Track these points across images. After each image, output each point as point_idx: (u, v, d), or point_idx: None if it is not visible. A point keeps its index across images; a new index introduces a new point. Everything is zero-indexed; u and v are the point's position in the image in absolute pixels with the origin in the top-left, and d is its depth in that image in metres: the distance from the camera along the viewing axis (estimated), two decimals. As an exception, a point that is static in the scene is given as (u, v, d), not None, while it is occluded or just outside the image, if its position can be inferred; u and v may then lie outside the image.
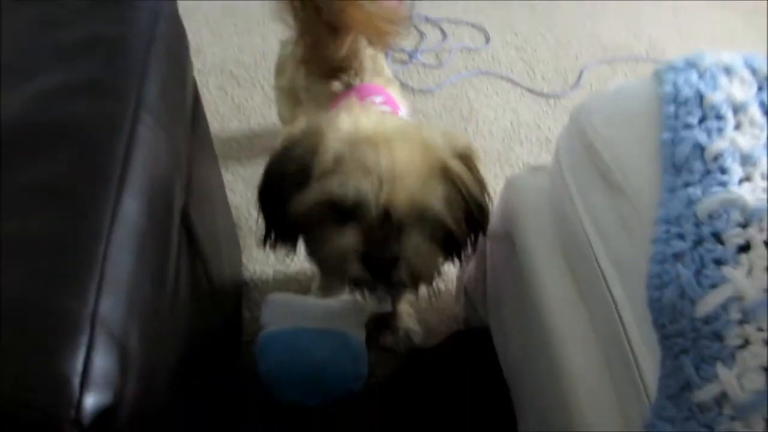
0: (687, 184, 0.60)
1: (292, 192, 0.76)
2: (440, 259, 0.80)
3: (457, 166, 0.75)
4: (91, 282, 0.46)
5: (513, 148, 1.64)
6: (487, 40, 2.00)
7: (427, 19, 2.04)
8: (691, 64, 0.72)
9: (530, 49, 1.99)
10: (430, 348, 1.09)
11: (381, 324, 1.19)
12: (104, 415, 0.41)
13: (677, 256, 0.54)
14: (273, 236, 0.84)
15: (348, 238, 0.72)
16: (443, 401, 0.95)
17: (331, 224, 0.74)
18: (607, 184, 0.67)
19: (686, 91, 0.68)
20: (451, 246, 0.80)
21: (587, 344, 0.69)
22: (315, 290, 1.24)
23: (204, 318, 0.75)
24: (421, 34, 1.99)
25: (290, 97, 1.30)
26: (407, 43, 1.93)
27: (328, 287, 1.24)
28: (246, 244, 1.33)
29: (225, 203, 1.16)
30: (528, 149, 1.64)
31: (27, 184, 0.51)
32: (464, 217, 0.77)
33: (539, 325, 0.74)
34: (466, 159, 0.77)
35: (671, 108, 0.68)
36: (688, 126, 0.65)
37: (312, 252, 0.82)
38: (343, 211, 0.72)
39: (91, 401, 0.41)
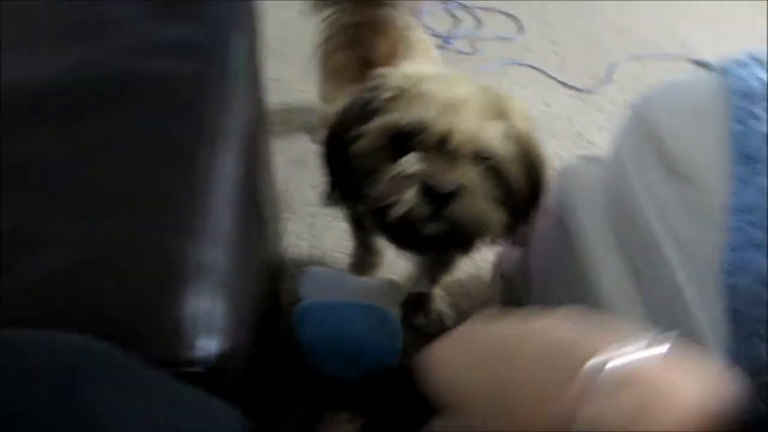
0: (759, 174, 0.61)
1: (356, 136, 0.77)
2: (499, 215, 0.76)
3: (516, 109, 0.76)
4: (201, 231, 0.47)
5: (545, 140, 1.65)
6: (521, 30, 2.00)
7: (461, 5, 2.04)
8: (755, 59, 0.73)
9: (563, 42, 1.99)
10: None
11: (414, 305, 1.21)
12: (217, 357, 0.43)
13: (754, 245, 0.56)
14: (334, 191, 0.84)
15: (407, 164, 0.71)
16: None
17: (391, 158, 0.74)
18: (673, 174, 0.68)
19: (754, 84, 0.70)
20: (509, 211, 0.78)
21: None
22: (348, 268, 1.26)
23: (266, 282, 0.76)
24: (455, 20, 1.99)
25: (337, 78, 1.31)
26: (441, 27, 1.93)
27: (360, 264, 1.26)
28: (282, 216, 1.35)
29: (273, 173, 1.18)
30: (561, 143, 1.65)
31: (133, 136, 0.52)
32: (522, 173, 0.77)
33: (593, 306, 0.76)
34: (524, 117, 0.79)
35: (740, 100, 0.69)
36: (757, 117, 0.66)
37: (369, 195, 0.77)
38: (403, 144, 0.72)
39: (203, 344, 0.42)
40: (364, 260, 1.23)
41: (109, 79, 0.57)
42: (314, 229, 1.34)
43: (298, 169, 1.47)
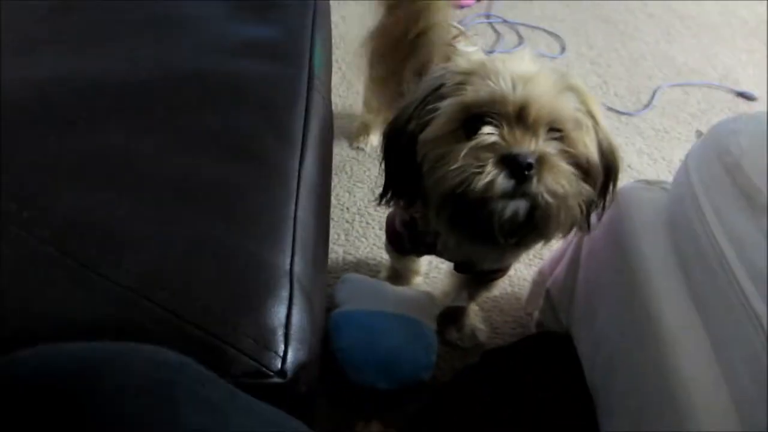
0: None
1: (424, 124, 0.73)
2: (581, 191, 0.71)
3: (583, 88, 0.75)
4: (287, 238, 0.46)
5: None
6: (563, 49, 1.99)
7: (505, 21, 2.03)
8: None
9: (604, 64, 1.98)
10: (509, 345, 1.09)
11: (447, 319, 1.19)
12: (301, 368, 0.42)
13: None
14: (392, 190, 0.79)
15: (485, 135, 0.67)
16: (522, 396, 0.95)
17: (463, 141, 0.70)
18: (753, 205, 0.66)
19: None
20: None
21: (701, 349, 0.69)
22: (383, 279, 1.24)
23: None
24: (498, 35, 1.98)
25: (381, 86, 1.30)
26: (484, 42, 1.93)
27: (397, 275, 1.25)
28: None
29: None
30: (599, 163, 1.63)
31: (219, 137, 0.51)
32: (597, 153, 0.74)
33: (648, 327, 0.74)
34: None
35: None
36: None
37: (441, 178, 0.72)
38: (475, 124, 0.69)
39: (292, 354, 0.41)
40: (400, 272, 1.21)
41: (189, 78, 0.56)
42: (350, 236, 1.33)
43: (335, 175, 1.46)
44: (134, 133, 0.54)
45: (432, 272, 1.28)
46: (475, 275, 1.08)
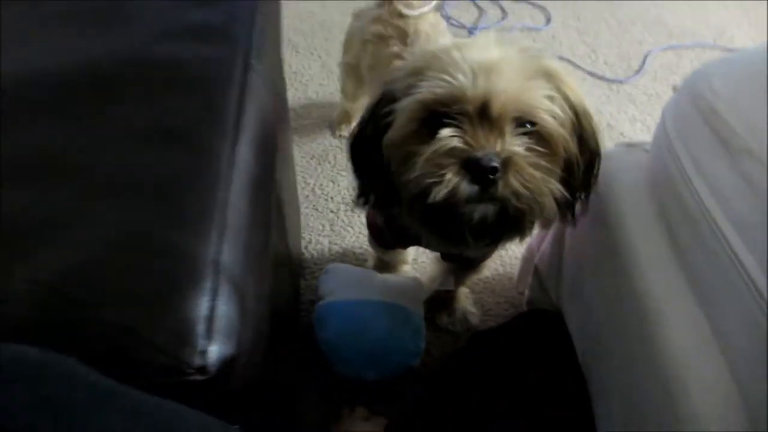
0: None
1: (385, 126, 0.69)
2: (554, 188, 0.66)
3: (560, 72, 0.67)
4: (214, 227, 0.43)
5: (574, 131, 1.59)
6: (548, 20, 1.94)
7: (487, -3, 1.98)
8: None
9: (592, 32, 1.92)
10: (498, 326, 1.05)
11: (437, 304, 1.16)
12: (227, 363, 0.39)
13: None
14: (366, 194, 0.76)
15: (444, 140, 0.62)
16: (513, 378, 0.92)
17: (427, 141, 0.65)
18: (731, 149, 0.62)
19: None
20: (565, 185, 0.68)
21: (691, 320, 0.66)
22: (370, 267, 1.21)
23: (284, 280, 0.72)
24: (481, 11, 1.93)
25: (355, 75, 1.27)
26: (467, 18, 1.88)
27: (383, 263, 1.22)
28: (302, 212, 1.31)
29: (293, 167, 1.14)
30: (590, 133, 1.58)
31: (149, 125, 0.48)
32: (575, 142, 0.68)
33: (633, 298, 0.70)
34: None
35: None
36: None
37: (406, 183, 0.68)
38: (437, 122, 0.64)
39: (215, 349, 0.38)
40: (387, 261, 1.18)
41: (128, 65, 0.53)
42: (335, 226, 1.30)
43: (318, 164, 1.43)
44: (63, 128, 0.52)
45: (420, 257, 1.25)
46: (462, 262, 1.05)
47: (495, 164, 0.61)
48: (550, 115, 0.65)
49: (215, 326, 0.38)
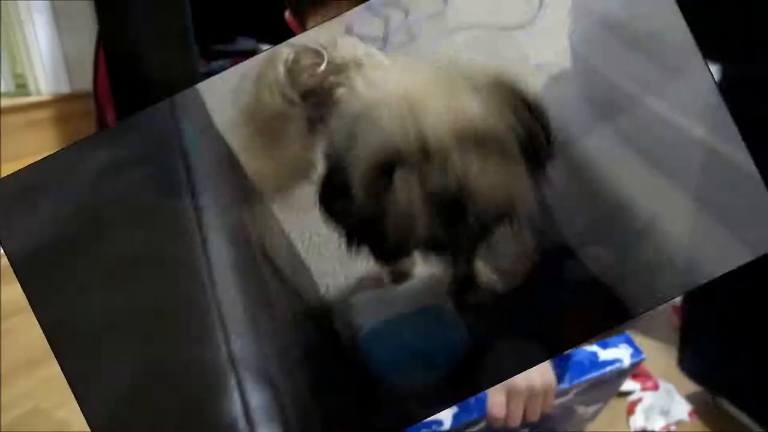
0: None
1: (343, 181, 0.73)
2: (519, 171, 0.67)
3: (487, 70, 0.69)
4: (216, 328, 0.48)
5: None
6: (445, 1, 2.01)
7: (385, 3, 2.06)
8: None
9: None
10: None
11: (461, 287, 1.22)
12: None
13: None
14: (355, 238, 0.81)
15: (400, 190, 0.62)
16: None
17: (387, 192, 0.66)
18: (632, 42, 0.69)
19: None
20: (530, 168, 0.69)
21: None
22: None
23: (315, 331, 0.78)
24: (385, 19, 2.01)
25: None
26: (375, 31, 1.96)
27: (396, 275, 1.27)
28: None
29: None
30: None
31: (120, 255, 0.53)
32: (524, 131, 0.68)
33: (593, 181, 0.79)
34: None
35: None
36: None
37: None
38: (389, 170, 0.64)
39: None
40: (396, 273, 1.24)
41: None
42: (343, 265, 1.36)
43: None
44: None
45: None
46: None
47: (453, 195, 0.61)
48: (493, 121, 0.65)
49: (254, 418, 0.42)
